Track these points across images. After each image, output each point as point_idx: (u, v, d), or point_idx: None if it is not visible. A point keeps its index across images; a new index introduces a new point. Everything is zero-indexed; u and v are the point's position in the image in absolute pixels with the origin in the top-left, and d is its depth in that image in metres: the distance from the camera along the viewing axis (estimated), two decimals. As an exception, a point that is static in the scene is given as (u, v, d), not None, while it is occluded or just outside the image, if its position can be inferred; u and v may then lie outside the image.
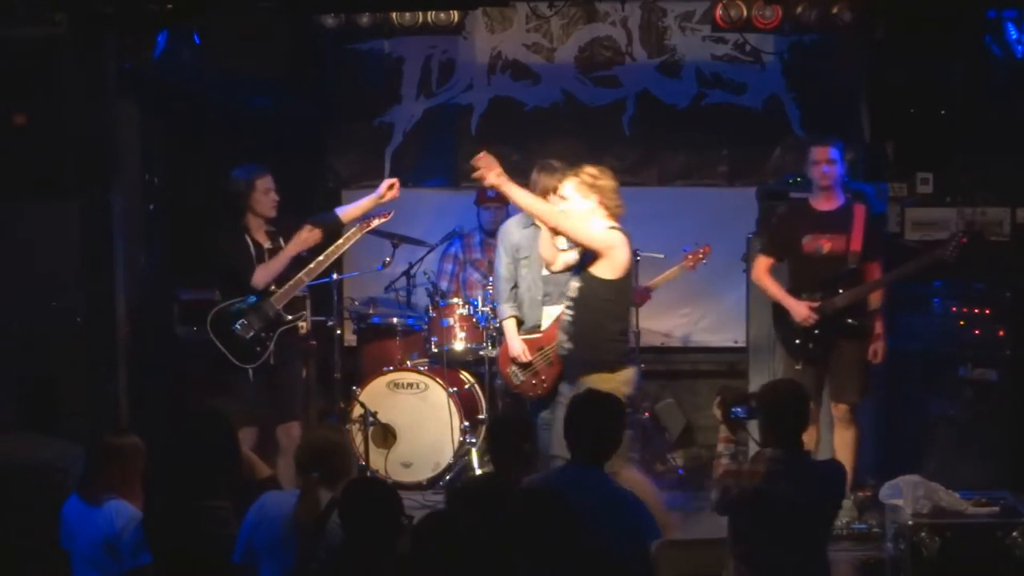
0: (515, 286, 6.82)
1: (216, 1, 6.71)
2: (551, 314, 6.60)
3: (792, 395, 4.85)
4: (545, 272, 6.63)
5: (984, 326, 6.86)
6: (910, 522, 5.62)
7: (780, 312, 6.65)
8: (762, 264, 6.74)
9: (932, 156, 7.95)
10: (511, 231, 6.83)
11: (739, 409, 5.02)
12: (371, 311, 7.86)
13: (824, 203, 6.63)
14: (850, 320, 6.44)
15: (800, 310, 6.46)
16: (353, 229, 6.77)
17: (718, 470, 4.90)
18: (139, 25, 6.47)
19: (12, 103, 6.32)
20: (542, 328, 6.64)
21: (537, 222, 6.43)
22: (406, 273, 7.87)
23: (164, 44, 6.94)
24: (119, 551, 4.65)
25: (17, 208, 6.46)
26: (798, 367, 6.53)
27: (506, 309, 6.80)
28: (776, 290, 6.63)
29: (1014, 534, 5.58)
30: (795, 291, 6.57)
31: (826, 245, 6.56)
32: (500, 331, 6.94)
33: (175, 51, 7.07)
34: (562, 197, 6.10)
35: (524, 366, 6.60)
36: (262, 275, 6.53)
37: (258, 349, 6.50)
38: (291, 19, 7.32)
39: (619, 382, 5.81)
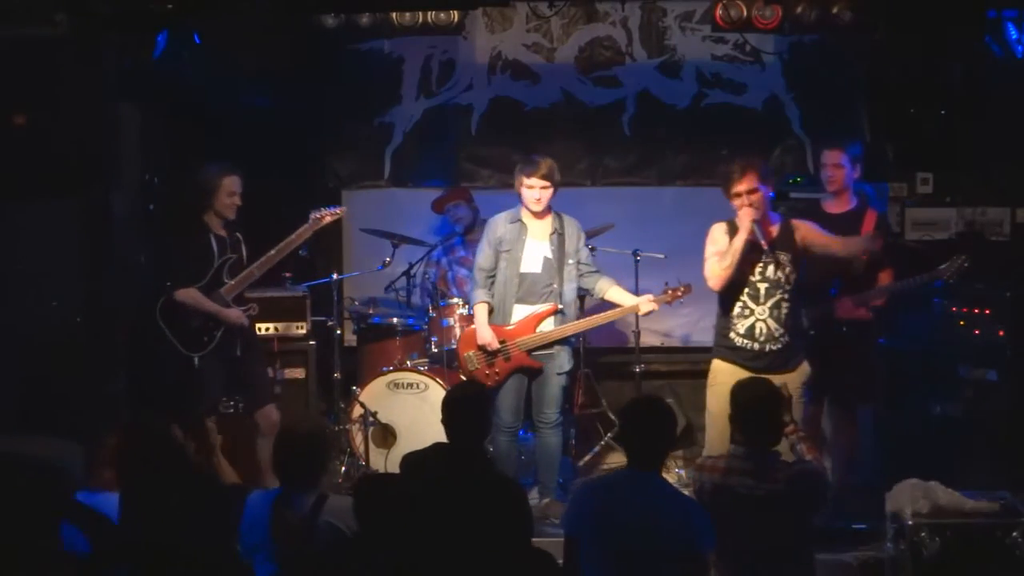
0: (492, 278, 6.83)
1: (216, 1, 6.71)
2: (521, 312, 6.70)
3: (760, 394, 4.80)
4: (522, 270, 6.68)
5: (984, 326, 6.86)
6: (910, 522, 5.62)
7: None
8: None
9: (932, 156, 7.95)
10: (498, 224, 6.82)
11: None
12: (371, 311, 7.86)
13: (834, 206, 6.65)
14: (844, 328, 6.43)
15: None
16: (305, 226, 6.79)
17: None
18: (139, 25, 6.47)
19: (12, 103, 6.31)
20: (511, 323, 6.72)
21: (524, 219, 6.67)
22: (406, 273, 7.87)
23: (164, 44, 6.93)
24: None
25: (17, 208, 6.45)
26: None
27: (479, 295, 6.82)
28: None
29: (1014, 534, 5.58)
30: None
31: None
32: None
33: (175, 51, 7.07)
34: (530, 187, 6.52)
35: (487, 354, 6.70)
36: (187, 294, 6.59)
37: (204, 339, 6.60)
38: (291, 19, 7.31)
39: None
